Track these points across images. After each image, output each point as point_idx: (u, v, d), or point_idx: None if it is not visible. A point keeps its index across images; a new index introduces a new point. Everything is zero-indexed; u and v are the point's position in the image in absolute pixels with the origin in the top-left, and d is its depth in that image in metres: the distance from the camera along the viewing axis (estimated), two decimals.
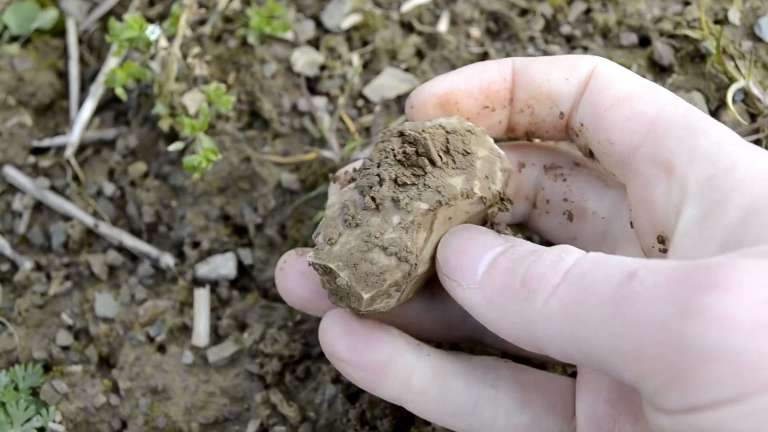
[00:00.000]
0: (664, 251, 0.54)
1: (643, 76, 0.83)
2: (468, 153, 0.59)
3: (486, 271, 0.53)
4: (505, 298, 0.50)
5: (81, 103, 0.96)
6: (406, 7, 0.93)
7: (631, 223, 0.59)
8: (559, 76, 0.61)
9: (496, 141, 0.64)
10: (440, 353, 0.61)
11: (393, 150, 0.58)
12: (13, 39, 0.99)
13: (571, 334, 0.45)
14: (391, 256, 0.56)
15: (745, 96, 0.80)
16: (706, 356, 0.39)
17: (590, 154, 0.62)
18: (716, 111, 0.81)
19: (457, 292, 0.55)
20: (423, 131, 0.58)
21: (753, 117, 0.80)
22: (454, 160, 0.58)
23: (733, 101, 0.80)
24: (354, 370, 0.60)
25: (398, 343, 0.60)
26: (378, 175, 0.58)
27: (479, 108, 0.63)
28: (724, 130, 0.52)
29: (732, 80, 0.80)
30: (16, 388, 0.79)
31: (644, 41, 0.87)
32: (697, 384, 0.40)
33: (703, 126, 0.52)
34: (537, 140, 0.68)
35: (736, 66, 0.81)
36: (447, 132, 0.59)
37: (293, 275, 0.66)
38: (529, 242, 0.55)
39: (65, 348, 0.83)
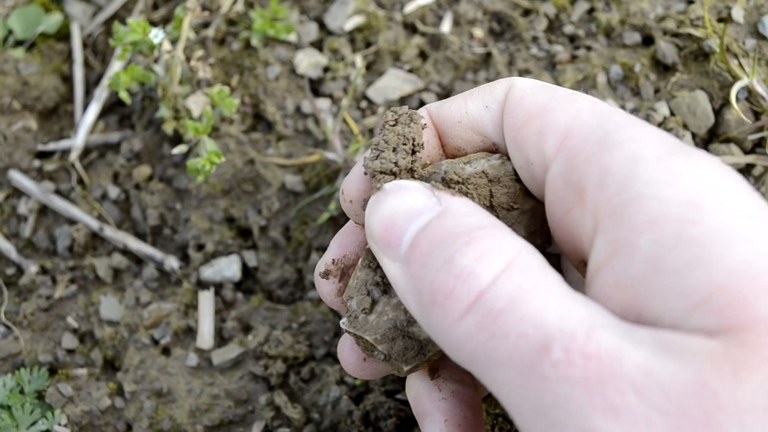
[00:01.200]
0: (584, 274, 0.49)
1: (647, 76, 0.83)
2: (513, 208, 0.54)
3: (409, 248, 0.46)
4: (418, 295, 0.45)
5: (85, 106, 0.96)
6: (409, 8, 0.93)
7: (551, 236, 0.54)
8: (476, 106, 0.56)
9: None
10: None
11: None
12: (18, 43, 1.00)
13: (476, 370, 0.42)
14: None
15: (749, 94, 0.80)
16: None
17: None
18: (720, 109, 0.81)
19: (384, 263, 0.49)
20: (466, 181, 0.54)
21: (757, 115, 0.80)
22: (497, 216, 0.54)
23: (737, 99, 0.80)
24: None
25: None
26: None
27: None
28: (643, 140, 0.44)
29: (736, 78, 0.80)
30: (21, 392, 0.79)
31: (648, 40, 0.87)
32: None
33: (618, 138, 0.44)
34: None
35: (740, 64, 0.81)
36: (490, 181, 0.54)
37: (346, 346, 0.60)
38: (461, 204, 0.48)
39: (70, 351, 0.83)
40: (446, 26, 0.92)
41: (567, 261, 0.57)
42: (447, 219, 0.46)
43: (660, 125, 0.80)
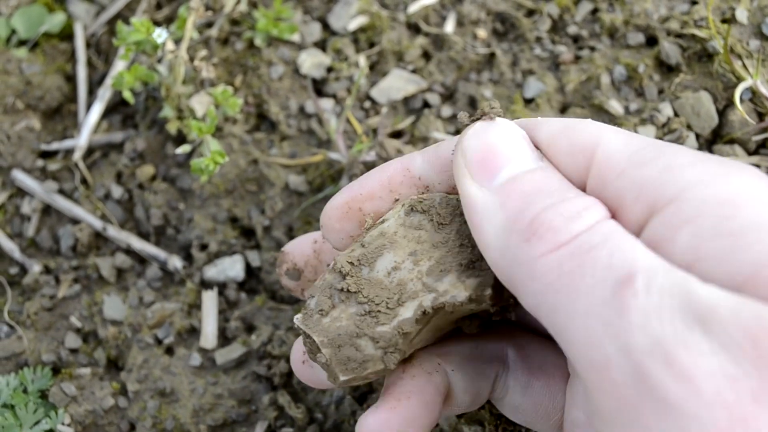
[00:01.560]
0: None
1: (650, 76, 0.83)
2: None
3: (506, 181, 0.48)
4: (509, 225, 0.47)
5: (89, 106, 0.96)
6: (412, 9, 0.93)
7: None
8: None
9: None
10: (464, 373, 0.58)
11: None
12: (22, 43, 1.00)
13: (552, 300, 0.43)
14: (378, 349, 0.52)
15: (753, 95, 0.80)
16: (662, 410, 0.37)
17: None
18: (724, 110, 0.81)
19: (465, 184, 0.50)
20: None
21: (761, 116, 0.80)
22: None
23: (741, 100, 0.80)
24: None
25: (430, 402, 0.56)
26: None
27: (389, 205, 0.58)
28: (674, 152, 0.47)
29: (740, 79, 0.80)
30: (25, 391, 0.79)
31: (651, 41, 0.87)
32: (642, 427, 0.38)
33: (647, 154, 0.47)
34: None
35: (744, 65, 0.81)
36: None
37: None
38: (560, 175, 0.50)
39: (74, 351, 0.83)
40: (450, 26, 0.92)
41: None
42: (548, 177, 0.49)
43: (664, 126, 0.80)
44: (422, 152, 0.58)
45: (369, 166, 0.83)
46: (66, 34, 1.01)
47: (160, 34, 0.82)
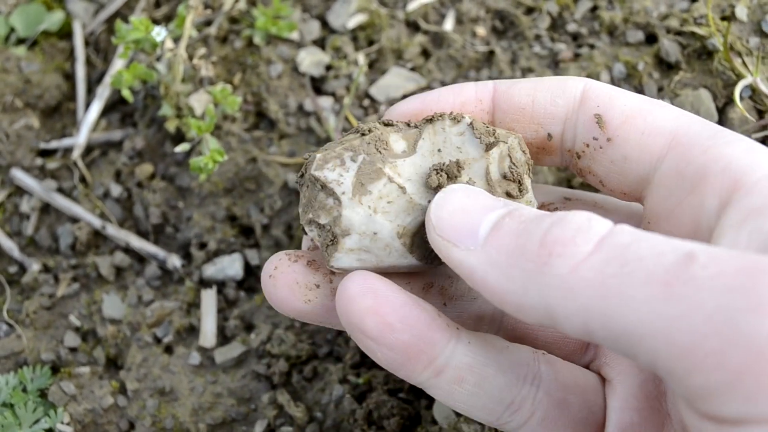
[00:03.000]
0: None
1: (650, 74, 0.83)
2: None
3: (490, 232, 0.48)
4: (516, 261, 0.46)
5: (88, 104, 0.96)
6: (411, 6, 0.93)
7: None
8: (544, 97, 0.59)
9: None
10: (480, 340, 0.56)
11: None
12: (20, 41, 1.00)
13: (603, 307, 0.41)
14: (360, 135, 0.56)
15: (753, 92, 0.80)
16: None
17: (588, 175, 0.59)
18: (724, 108, 0.81)
19: (452, 254, 0.49)
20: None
21: (761, 113, 0.80)
22: None
23: (741, 98, 0.79)
24: (382, 350, 0.53)
25: (436, 326, 0.54)
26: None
27: None
28: (751, 140, 0.50)
29: (739, 77, 0.80)
30: (24, 390, 0.79)
31: (651, 38, 0.87)
32: (763, 390, 0.36)
33: (727, 136, 0.51)
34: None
35: (744, 62, 0.80)
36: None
37: (285, 286, 0.58)
38: (530, 207, 0.51)
39: (73, 349, 0.83)
40: (449, 24, 0.92)
41: None
42: (525, 210, 0.49)
43: None
44: (497, 88, 0.60)
45: None
46: (65, 33, 1.01)
47: (159, 33, 0.82)
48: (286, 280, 0.59)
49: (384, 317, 0.52)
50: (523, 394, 0.56)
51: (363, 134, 0.56)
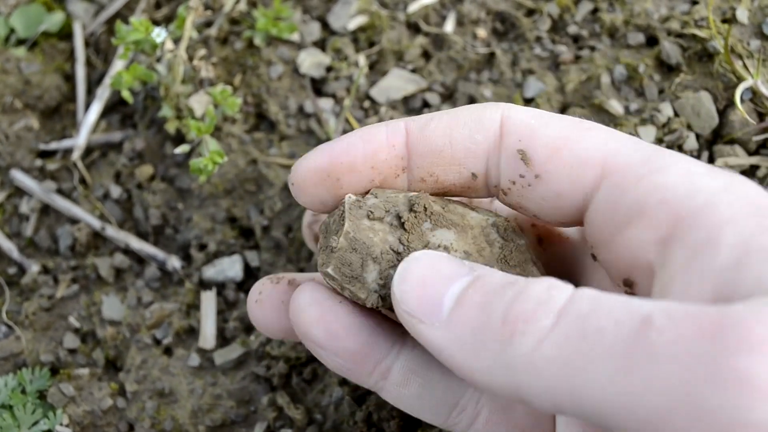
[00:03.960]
0: (632, 294, 0.49)
1: (651, 76, 0.83)
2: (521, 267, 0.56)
3: (454, 306, 0.47)
4: (481, 339, 0.44)
5: (88, 106, 0.96)
6: (412, 8, 0.93)
7: (593, 256, 0.54)
8: (462, 135, 0.55)
9: None
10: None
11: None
12: (20, 42, 1.00)
13: (568, 385, 0.40)
14: (374, 284, 0.54)
15: (754, 95, 0.80)
16: None
17: (519, 209, 0.56)
18: (724, 110, 0.81)
19: (419, 330, 0.48)
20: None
21: (761, 116, 0.80)
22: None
23: (742, 100, 0.79)
24: (330, 357, 0.56)
25: (379, 332, 0.56)
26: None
27: (367, 182, 0.56)
28: (688, 160, 0.47)
29: (740, 79, 0.80)
30: (23, 392, 0.79)
31: (652, 41, 0.87)
32: None
33: (660, 161, 0.47)
34: None
35: (745, 65, 0.80)
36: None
37: (271, 307, 0.60)
38: (497, 271, 0.49)
39: (72, 351, 0.83)
40: (449, 26, 0.92)
41: None
42: (489, 278, 0.47)
43: (664, 126, 0.80)
44: (410, 130, 0.56)
45: None
46: (65, 34, 1.01)
47: (159, 34, 0.82)
48: (271, 301, 0.60)
49: (329, 326, 0.55)
50: (467, 396, 0.57)
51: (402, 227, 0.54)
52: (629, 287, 0.49)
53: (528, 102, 0.86)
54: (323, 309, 0.55)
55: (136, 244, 0.87)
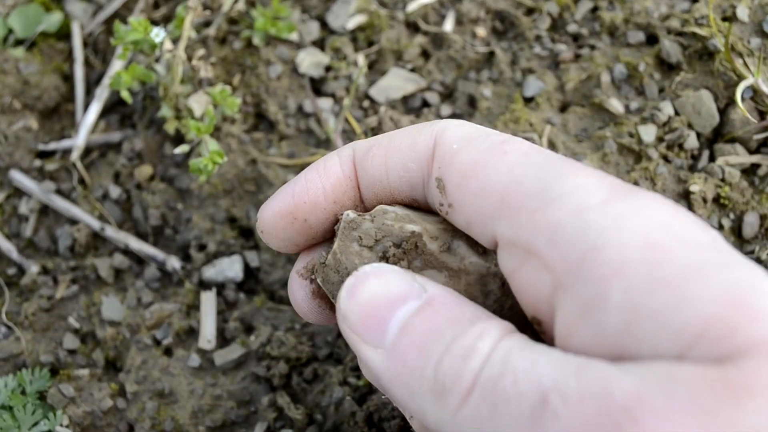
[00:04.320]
0: (541, 332, 0.47)
1: (651, 75, 0.83)
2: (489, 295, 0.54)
3: (398, 334, 0.45)
4: (418, 384, 0.43)
5: (86, 106, 0.96)
6: (411, 7, 0.93)
7: None
8: (396, 164, 0.53)
9: None
10: None
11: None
12: (19, 42, 0.99)
13: None
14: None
15: (754, 93, 0.80)
16: None
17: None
18: (725, 109, 0.81)
19: (361, 350, 0.46)
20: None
21: (762, 114, 0.79)
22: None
23: (742, 99, 0.79)
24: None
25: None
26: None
27: (331, 216, 0.55)
28: (584, 188, 0.43)
29: (741, 78, 0.79)
30: (23, 392, 0.79)
31: (652, 39, 0.86)
32: None
33: (557, 190, 0.43)
34: None
35: (745, 63, 0.80)
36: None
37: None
38: (448, 291, 0.47)
39: (72, 352, 0.83)
40: (449, 25, 0.92)
41: None
42: (438, 305, 0.45)
43: (664, 125, 0.80)
44: (355, 159, 0.55)
45: None
46: (63, 34, 1.00)
47: (157, 34, 0.82)
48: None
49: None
50: None
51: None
52: (538, 325, 0.47)
53: (528, 101, 0.86)
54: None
55: (136, 244, 0.87)
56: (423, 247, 0.52)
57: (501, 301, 0.52)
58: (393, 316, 0.45)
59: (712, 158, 0.80)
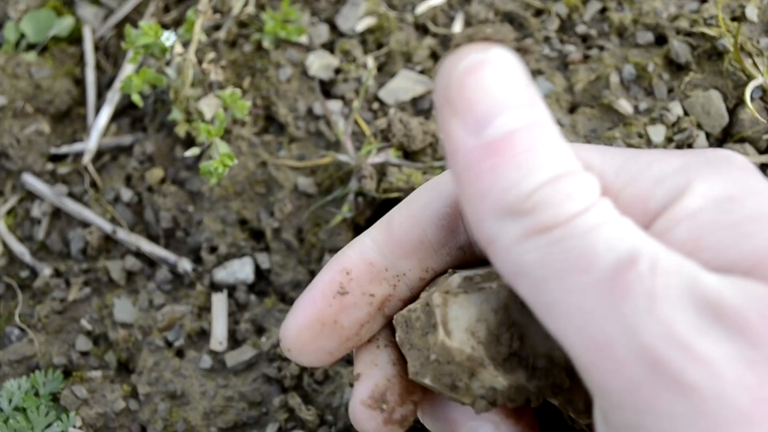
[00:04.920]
0: None
1: (660, 75, 0.83)
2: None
3: (500, 136, 0.41)
4: (500, 194, 0.41)
5: (98, 109, 0.96)
6: (420, 9, 0.93)
7: None
8: (429, 218, 0.52)
9: None
10: None
11: None
12: (31, 47, 1.00)
13: (539, 272, 0.40)
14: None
15: (764, 93, 0.80)
16: (678, 392, 0.36)
17: None
18: (734, 109, 0.81)
19: (451, 126, 0.42)
20: None
21: None
22: None
23: (752, 99, 0.79)
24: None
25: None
26: None
27: (367, 308, 0.53)
28: (659, 159, 0.46)
29: (750, 78, 0.79)
30: (36, 394, 0.79)
31: (661, 39, 0.86)
32: (650, 409, 0.37)
33: (635, 166, 0.46)
34: None
35: (754, 63, 0.80)
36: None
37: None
38: (556, 130, 0.44)
39: (85, 354, 0.83)
40: (458, 27, 0.92)
41: None
42: (548, 131, 0.43)
43: (674, 125, 0.80)
44: (372, 237, 0.52)
45: (377, 169, 0.83)
46: (75, 38, 1.01)
47: (168, 37, 0.82)
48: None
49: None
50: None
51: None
52: None
53: None
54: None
55: (147, 246, 0.88)
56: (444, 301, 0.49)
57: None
58: (502, 115, 0.42)
59: None
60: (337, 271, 0.52)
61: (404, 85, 0.89)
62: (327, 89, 0.91)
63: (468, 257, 0.54)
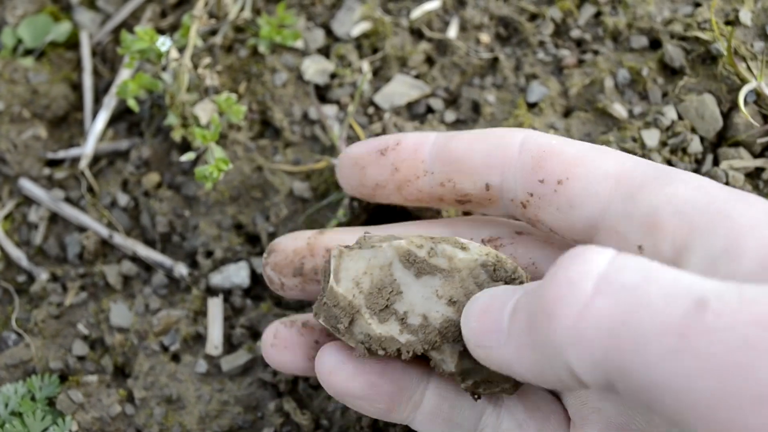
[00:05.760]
0: None
1: (654, 79, 0.83)
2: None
3: (509, 320, 0.47)
4: (531, 335, 0.44)
5: (95, 114, 0.97)
6: (415, 14, 0.93)
7: None
8: (482, 148, 0.60)
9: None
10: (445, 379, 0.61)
11: None
12: (28, 52, 1.01)
13: (612, 357, 0.39)
14: (362, 335, 0.59)
15: (758, 97, 0.80)
16: None
17: (537, 224, 0.59)
18: (728, 113, 0.81)
19: (492, 358, 0.49)
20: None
21: (766, 118, 0.79)
22: None
23: (746, 103, 0.79)
24: (368, 404, 0.60)
25: (409, 369, 0.60)
26: None
27: (388, 175, 0.66)
28: (701, 177, 0.49)
29: (744, 81, 0.80)
30: (32, 399, 0.79)
31: (655, 44, 0.87)
32: None
33: (673, 174, 0.50)
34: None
35: (748, 67, 0.80)
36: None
37: (288, 351, 0.68)
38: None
39: (81, 358, 0.84)
40: (453, 32, 0.92)
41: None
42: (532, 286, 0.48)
43: (668, 129, 0.80)
44: (436, 136, 0.63)
45: None
46: (72, 43, 1.01)
47: (163, 43, 0.82)
48: (287, 346, 0.67)
49: (365, 377, 0.59)
50: (487, 413, 0.60)
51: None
52: None
53: (531, 107, 0.86)
54: (355, 364, 0.60)
55: (144, 251, 0.88)
56: (413, 256, 0.56)
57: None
58: (505, 309, 0.48)
59: (716, 162, 0.80)
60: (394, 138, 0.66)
61: (399, 89, 0.89)
62: (322, 94, 0.92)
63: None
